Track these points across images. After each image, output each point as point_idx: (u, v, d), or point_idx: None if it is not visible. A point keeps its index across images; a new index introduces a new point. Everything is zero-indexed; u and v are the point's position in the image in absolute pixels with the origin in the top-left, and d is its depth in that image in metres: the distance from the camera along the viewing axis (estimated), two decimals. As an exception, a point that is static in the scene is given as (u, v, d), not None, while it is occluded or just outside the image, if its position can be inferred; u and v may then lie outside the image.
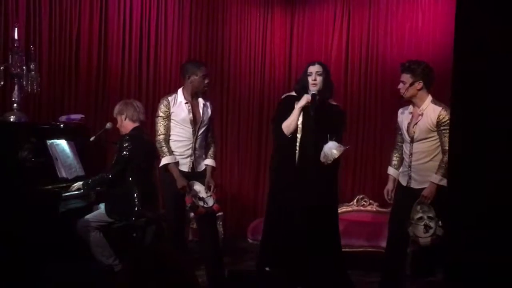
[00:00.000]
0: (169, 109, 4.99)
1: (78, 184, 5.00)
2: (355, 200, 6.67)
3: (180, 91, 5.08)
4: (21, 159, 4.76)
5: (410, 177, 4.73)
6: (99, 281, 4.00)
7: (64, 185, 4.99)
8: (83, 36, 6.52)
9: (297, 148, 4.77)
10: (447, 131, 4.42)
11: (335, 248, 4.86)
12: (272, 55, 7.70)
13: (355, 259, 5.61)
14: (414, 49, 6.95)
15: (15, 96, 5.31)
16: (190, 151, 5.04)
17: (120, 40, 6.78)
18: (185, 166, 5.01)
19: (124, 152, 4.98)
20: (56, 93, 6.39)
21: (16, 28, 5.38)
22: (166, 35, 7.09)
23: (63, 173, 5.12)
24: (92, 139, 5.42)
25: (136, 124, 5.15)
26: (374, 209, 6.57)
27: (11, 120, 5.20)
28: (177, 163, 4.96)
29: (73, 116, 5.85)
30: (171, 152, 4.95)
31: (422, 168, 4.66)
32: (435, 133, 4.61)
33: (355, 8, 7.36)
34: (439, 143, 4.62)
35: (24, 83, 5.30)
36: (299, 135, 4.78)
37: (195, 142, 5.05)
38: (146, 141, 5.23)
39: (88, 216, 5.01)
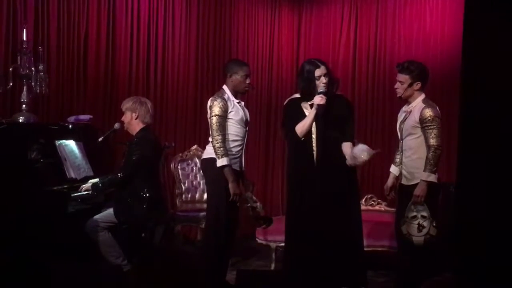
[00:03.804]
0: (227, 108, 4.89)
1: (87, 185, 5.00)
2: (363, 200, 6.64)
3: (227, 90, 5.00)
4: (30, 159, 4.78)
5: (402, 174, 4.82)
6: (108, 281, 4.00)
7: (73, 185, 5.00)
8: (91, 37, 6.54)
9: (314, 148, 4.77)
10: (430, 127, 4.60)
11: (358, 245, 4.86)
12: (279, 54, 7.71)
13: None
14: (422, 49, 6.94)
15: (24, 97, 5.33)
16: (242, 151, 5.03)
17: (128, 40, 6.79)
18: (236, 165, 4.94)
19: (134, 156, 4.97)
20: (65, 94, 6.41)
21: (24, 30, 5.40)
22: (174, 35, 7.10)
23: (71, 174, 5.14)
24: (100, 139, 5.42)
25: (144, 125, 5.14)
26: (383, 209, 6.55)
27: (20, 121, 5.22)
28: (231, 166, 4.86)
29: (82, 117, 5.87)
30: (228, 154, 4.83)
31: (411, 165, 4.74)
32: (419, 130, 4.67)
33: (362, 7, 7.36)
34: (424, 140, 4.67)
35: (33, 84, 5.32)
36: (314, 135, 4.78)
37: (246, 141, 5.07)
38: (154, 142, 5.23)
39: (97, 216, 5.01)
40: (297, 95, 4.94)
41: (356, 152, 4.67)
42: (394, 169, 4.96)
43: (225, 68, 5.14)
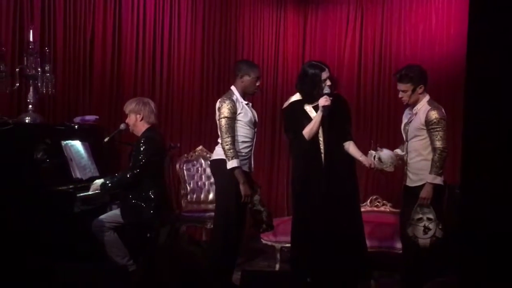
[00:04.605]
0: (236, 110, 4.85)
1: (96, 185, 5.01)
2: (368, 201, 6.65)
3: (235, 91, 4.96)
4: (36, 159, 4.80)
5: (407, 176, 4.81)
6: (113, 281, 4.01)
7: (79, 185, 5.02)
8: (97, 37, 6.56)
9: (322, 150, 4.78)
10: (435, 129, 4.61)
11: (361, 243, 4.89)
12: (285, 55, 7.71)
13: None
14: (427, 50, 6.94)
15: (30, 97, 5.35)
16: (251, 152, 5.01)
17: (134, 41, 6.81)
18: (245, 167, 4.92)
19: (142, 156, 4.96)
20: (71, 94, 6.43)
21: (31, 30, 5.43)
22: (180, 35, 7.12)
23: (77, 174, 5.16)
24: (106, 140, 5.44)
25: (149, 126, 5.15)
26: (388, 210, 6.54)
27: (27, 121, 5.25)
28: (241, 167, 4.84)
29: (88, 117, 5.89)
30: (238, 156, 4.81)
31: (416, 167, 4.74)
32: (425, 132, 4.67)
33: (368, 8, 7.36)
34: (430, 142, 4.67)
35: (39, 84, 5.34)
36: (321, 138, 4.79)
37: (254, 142, 5.05)
38: (160, 142, 5.25)
39: (102, 216, 5.02)
40: (296, 98, 4.94)
41: (385, 158, 4.70)
42: (398, 151, 4.96)
43: (235, 68, 5.10)
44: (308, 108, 4.84)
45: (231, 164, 4.79)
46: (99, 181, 5.03)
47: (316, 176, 4.78)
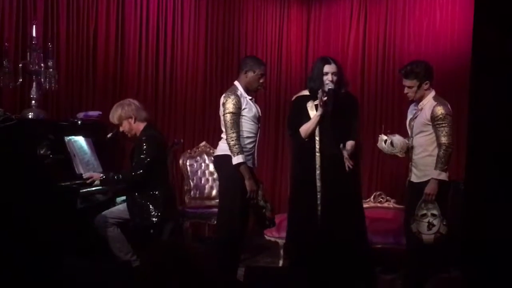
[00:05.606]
0: (240, 105, 4.83)
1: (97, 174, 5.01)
2: (372, 197, 6.65)
3: (239, 86, 4.94)
4: (40, 155, 4.79)
5: (411, 171, 4.81)
6: (117, 277, 4.01)
7: (81, 181, 5.01)
8: (100, 33, 6.55)
9: (317, 149, 4.78)
10: (441, 125, 4.59)
11: (364, 243, 4.88)
12: (288, 52, 7.70)
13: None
14: (432, 46, 6.92)
15: (34, 93, 5.35)
16: (255, 147, 4.99)
17: (137, 37, 6.80)
18: (250, 162, 4.89)
19: (144, 156, 4.93)
20: (74, 90, 6.42)
21: (34, 26, 5.41)
22: (183, 32, 7.10)
23: (80, 170, 5.15)
24: (109, 135, 5.44)
25: (146, 123, 5.12)
26: (391, 206, 6.54)
27: (30, 117, 5.24)
28: (246, 163, 4.81)
29: (91, 113, 5.88)
30: (243, 151, 4.78)
31: (421, 163, 4.73)
32: (430, 127, 4.65)
33: (372, 4, 7.34)
34: (435, 137, 4.65)
35: (42, 80, 5.33)
36: (317, 138, 4.78)
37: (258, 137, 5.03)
38: (160, 138, 5.23)
39: (106, 212, 5.02)
40: (305, 92, 4.94)
41: (397, 143, 4.75)
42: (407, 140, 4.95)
43: (241, 63, 5.08)
44: (310, 106, 4.83)
45: (237, 159, 4.76)
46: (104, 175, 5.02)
47: (310, 176, 4.78)
